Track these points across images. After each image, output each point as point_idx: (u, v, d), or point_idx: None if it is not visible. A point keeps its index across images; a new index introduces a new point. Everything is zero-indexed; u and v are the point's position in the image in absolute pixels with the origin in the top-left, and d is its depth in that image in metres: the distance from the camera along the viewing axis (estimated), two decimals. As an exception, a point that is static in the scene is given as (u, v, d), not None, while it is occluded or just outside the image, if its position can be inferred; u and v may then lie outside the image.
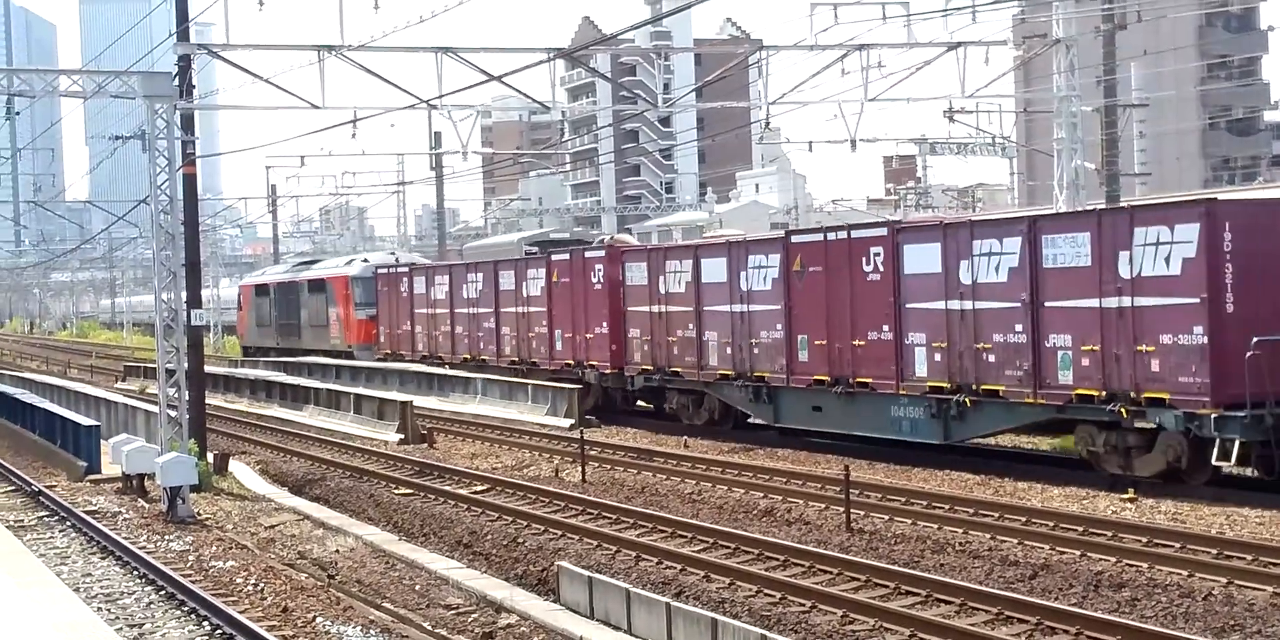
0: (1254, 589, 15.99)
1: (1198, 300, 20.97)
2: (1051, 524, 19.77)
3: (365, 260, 54.04)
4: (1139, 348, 21.70)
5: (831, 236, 28.03)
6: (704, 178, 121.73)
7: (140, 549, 20.28)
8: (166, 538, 21.83)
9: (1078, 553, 18.14)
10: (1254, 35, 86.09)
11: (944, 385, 25.07)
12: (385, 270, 50.39)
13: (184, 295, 26.76)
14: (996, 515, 20.64)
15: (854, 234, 27.45)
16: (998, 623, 15.05)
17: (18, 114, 28.75)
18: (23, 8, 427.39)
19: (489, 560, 20.55)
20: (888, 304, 26.24)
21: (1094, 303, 22.35)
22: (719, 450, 29.86)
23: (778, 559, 18.56)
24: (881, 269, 26.45)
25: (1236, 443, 20.45)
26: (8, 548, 19.28)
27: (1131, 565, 17.35)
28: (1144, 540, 18.40)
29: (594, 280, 36.56)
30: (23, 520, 23.82)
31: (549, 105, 36.94)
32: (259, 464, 31.45)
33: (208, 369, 36.37)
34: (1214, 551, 17.58)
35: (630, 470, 27.76)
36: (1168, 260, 21.37)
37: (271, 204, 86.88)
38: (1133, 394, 21.81)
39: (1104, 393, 22.27)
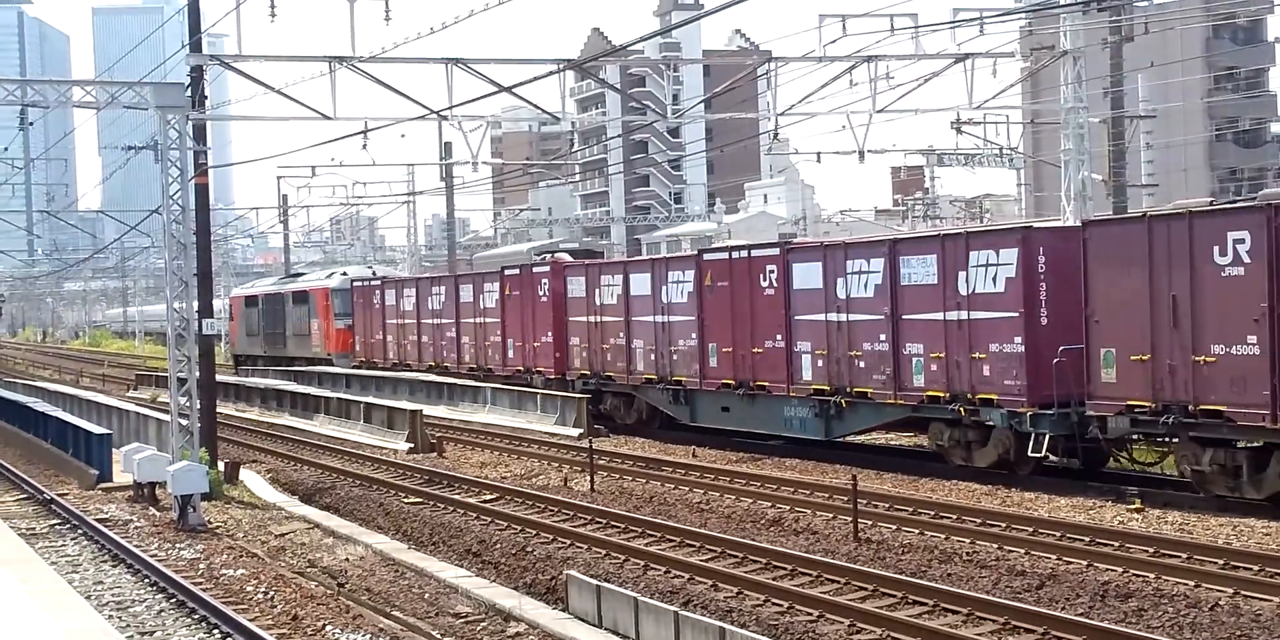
0: (1261, 599, 16.03)
1: (1017, 314, 24.19)
2: (1058, 534, 19.83)
3: (344, 274, 57.59)
4: (974, 355, 24.98)
5: (736, 255, 31.63)
6: (713, 188, 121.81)
7: (151, 557, 20.37)
8: (177, 546, 21.93)
9: (1085, 563, 18.20)
10: (1261, 47, 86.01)
11: (825, 388, 28.44)
12: (360, 283, 54.07)
13: (196, 305, 26.90)
14: (1004, 525, 20.71)
15: (754, 253, 31.14)
16: (1005, 633, 15.10)
17: (31, 124, 28.88)
18: (37, 19, 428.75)
19: (498, 569, 20.64)
20: (780, 316, 29.71)
21: (939, 316, 25.68)
22: (727, 460, 29.95)
23: (785, 568, 18.63)
24: (775, 285, 29.95)
25: (1047, 436, 23.58)
26: (19, 555, 19.39)
27: (1138, 575, 17.41)
28: (1151, 550, 18.46)
29: (540, 293, 39.90)
30: (34, 528, 23.95)
31: (559, 116, 37.07)
32: (269, 472, 31.56)
33: (219, 378, 36.53)
34: (1221, 562, 17.63)
35: (639, 480, 27.84)
36: (995, 279, 24.68)
37: (283, 214, 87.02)
38: (969, 395, 25.07)
39: (948, 394, 25.56)
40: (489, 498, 26.26)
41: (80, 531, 23.38)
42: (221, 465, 29.02)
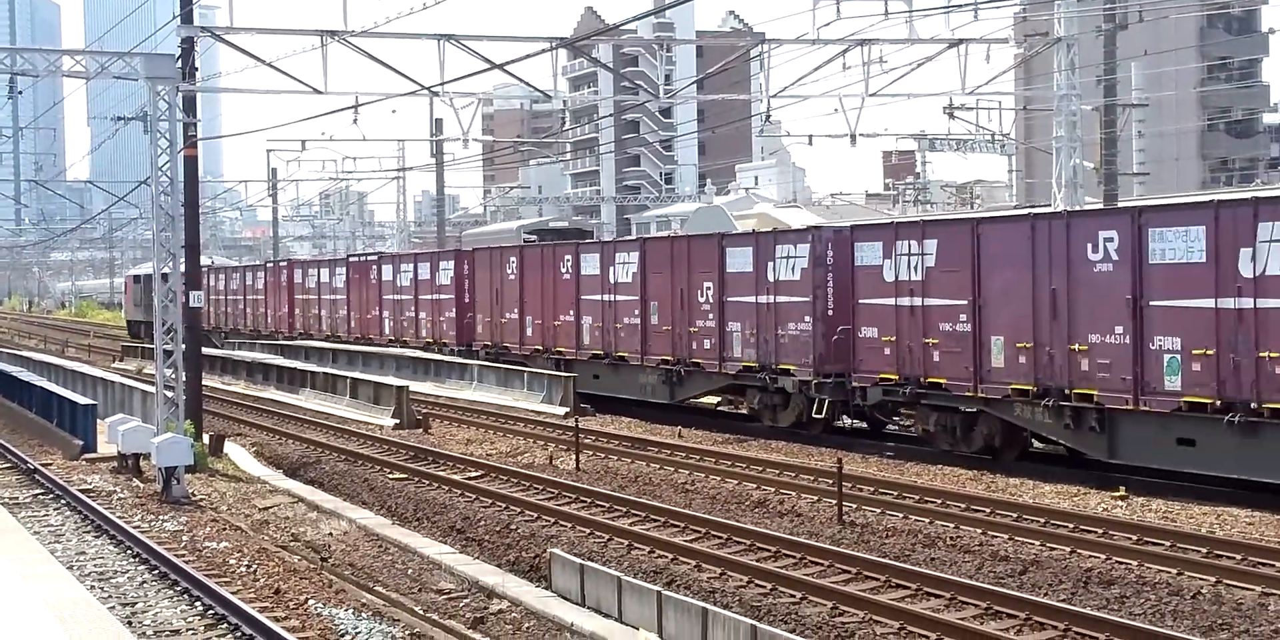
0: (1242, 588, 16.08)
1: (809, 299, 28.97)
2: (1042, 520, 19.86)
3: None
4: (778, 332, 29.80)
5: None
6: (704, 169, 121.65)
7: (134, 528, 20.34)
8: (161, 518, 21.90)
9: (1068, 549, 18.24)
10: (1255, 37, 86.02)
11: (670, 358, 33.13)
12: (204, 268, 64.80)
13: (182, 276, 26.82)
14: (988, 511, 20.74)
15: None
16: (987, 617, 15.13)
17: (20, 93, 28.78)
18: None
19: (482, 546, 20.63)
20: (638, 299, 34.77)
21: (752, 299, 30.60)
22: (713, 441, 29.96)
23: (769, 550, 18.64)
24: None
25: (827, 401, 28.60)
26: (2, 525, 19.36)
27: (1121, 563, 17.45)
28: (1134, 538, 18.50)
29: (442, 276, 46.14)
30: (17, 498, 23.90)
31: (550, 94, 36.94)
32: (254, 446, 31.51)
33: (206, 351, 36.44)
34: (1203, 550, 17.68)
35: (624, 459, 27.85)
36: (793, 269, 29.55)
37: (272, 187, 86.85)
38: (775, 366, 29.83)
39: (759, 365, 30.32)
40: (474, 475, 26.25)
41: (63, 502, 23.34)
42: (206, 438, 28.97)
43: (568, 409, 35.10)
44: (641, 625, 15.09)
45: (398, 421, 34.69)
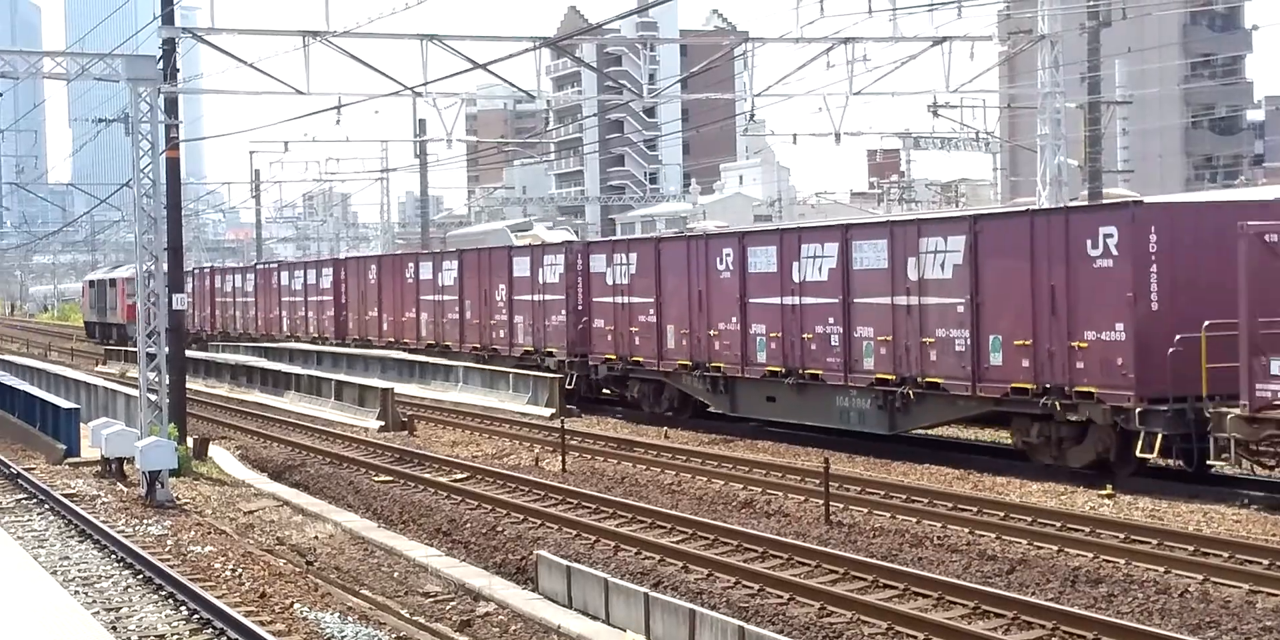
0: (1230, 586, 16.06)
1: (563, 297, 37.06)
2: (1030, 519, 19.84)
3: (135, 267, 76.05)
4: (545, 323, 38.11)
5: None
6: (688, 169, 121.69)
7: (118, 533, 20.23)
8: (145, 522, 21.78)
9: (1055, 548, 18.21)
10: (1238, 34, 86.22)
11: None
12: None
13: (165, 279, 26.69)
14: (975, 510, 20.71)
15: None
16: (975, 617, 15.09)
17: (1, 95, 28.63)
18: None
19: (468, 548, 20.56)
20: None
21: (528, 297, 39.13)
22: (699, 441, 29.92)
23: (756, 550, 18.59)
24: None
25: (576, 375, 36.26)
26: (-15, 530, 19.24)
27: (1109, 561, 17.42)
28: (1121, 536, 18.47)
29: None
30: (0, 503, 23.76)
31: (534, 94, 36.88)
32: (239, 449, 31.41)
33: (189, 354, 36.30)
34: (1191, 548, 17.66)
35: (610, 460, 27.79)
36: (555, 274, 37.67)
37: (255, 189, 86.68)
38: (544, 349, 38.19)
39: (534, 349, 38.63)
40: (460, 477, 26.17)
41: (47, 506, 23.21)
42: (190, 441, 28.85)
43: (554, 410, 35.04)
44: (629, 627, 15.03)
45: (383, 424, 34.60)
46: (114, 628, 15.18)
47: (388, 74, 29.64)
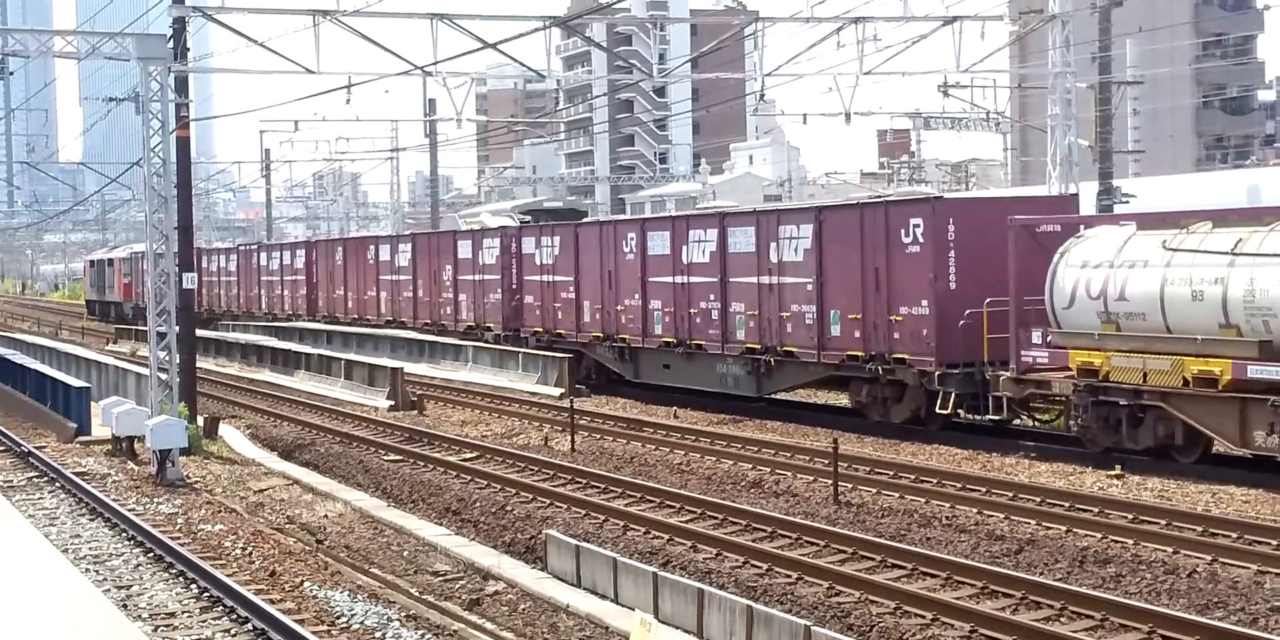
0: (1238, 567, 16.07)
1: (499, 277, 41.41)
2: (1038, 499, 19.85)
3: (131, 248, 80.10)
4: (484, 301, 42.38)
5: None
6: (698, 149, 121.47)
7: (129, 511, 20.31)
8: (155, 500, 21.86)
9: (1064, 528, 18.22)
10: (1250, 14, 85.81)
11: (428, 321, 45.10)
12: (140, 255, 76.31)
13: (176, 258, 26.73)
14: (984, 490, 20.73)
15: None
16: (983, 596, 15.12)
17: (11, 74, 28.66)
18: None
19: (477, 527, 20.61)
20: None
21: (470, 278, 43.69)
22: (708, 421, 29.94)
23: (765, 530, 18.63)
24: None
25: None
26: (-3, 508, 19.32)
27: (1117, 541, 17.44)
28: (1130, 517, 18.49)
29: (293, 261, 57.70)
30: (11, 481, 23.86)
31: (544, 73, 36.90)
32: (249, 428, 31.49)
33: (200, 333, 36.37)
34: (1199, 529, 17.67)
35: (619, 440, 27.83)
36: (492, 257, 42.01)
37: (265, 168, 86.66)
38: (483, 324, 42.38)
39: (475, 324, 42.90)
40: (469, 456, 26.23)
41: (58, 484, 23.30)
42: (201, 420, 28.93)
43: (563, 390, 35.07)
44: (637, 606, 15.07)
45: (393, 403, 34.66)
46: (125, 605, 15.26)
47: (398, 53, 29.60)
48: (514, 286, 40.22)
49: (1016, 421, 25.66)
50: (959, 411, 25.15)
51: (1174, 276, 21.39)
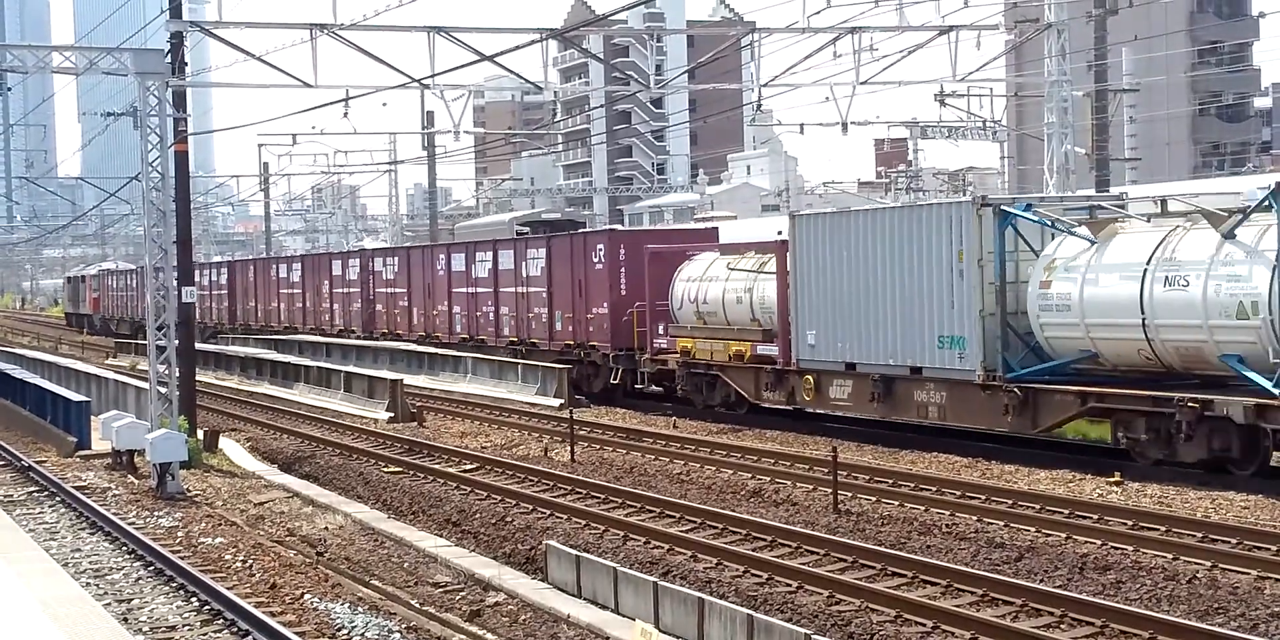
0: (1238, 572, 16.08)
1: (359, 291, 51.76)
2: (1038, 506, 19.86)
3: (101, 266, 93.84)
4: (349, 309, 52.67)
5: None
6: (696, 159, 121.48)
7: (129, 525, 20.32)
8: (156, 514, 21.87)
9: (1063, 535, 18.23)
10: (1245, 21, 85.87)
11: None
12: (105, 273, 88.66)
13: (175, 272, 26.76)
14: (983, 497, 20.74)
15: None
16: (983, 604, 15.13)
17: (10, 89, 28.72)
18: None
19: (477, 539, 20.62)
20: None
21: (344, 291, 54.41)
22: (708, 431, 29.96)
23: (765, 539, 18.64)
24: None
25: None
26: (-3, 523, 19.32)
27: (1117, 548, 17.45)
28: (1129, 523, 18.50)
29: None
30: (12, 495, 23.86)
31: (541, 85, 36.96)
32: (249, 441, 31.49)
33: (199, 346, 36.38)
34: (1199, 535, 17.68)
35: (619, 450, 27.84)
36: (353, 275, 52.40)
37: (263, 182, 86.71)
38: (348, 328, 52.28)
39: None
40: (469, 467, 26.24)
41: (58, 499, 23.31)
42: (201, 433, 28.94)
43: (562, 401, 35.09)
44: (638, 616, 15.08)
45: (392, 415, 34.67)
46: (125, 619, 15.27)
47: (395, 66, 29.66)
48: (370, 297, 51.17)
49: (655, 387, 35.13)
50: (627, 383, 34.90)
51: (731, 287, 31.17)
